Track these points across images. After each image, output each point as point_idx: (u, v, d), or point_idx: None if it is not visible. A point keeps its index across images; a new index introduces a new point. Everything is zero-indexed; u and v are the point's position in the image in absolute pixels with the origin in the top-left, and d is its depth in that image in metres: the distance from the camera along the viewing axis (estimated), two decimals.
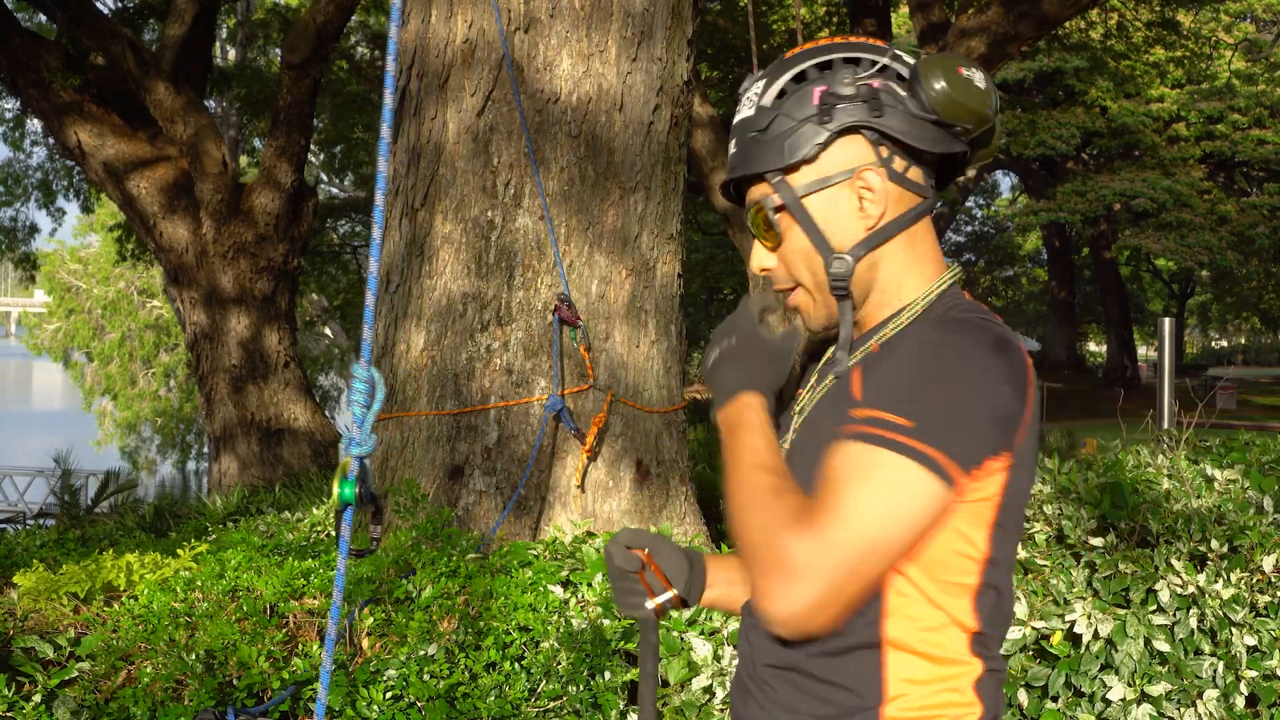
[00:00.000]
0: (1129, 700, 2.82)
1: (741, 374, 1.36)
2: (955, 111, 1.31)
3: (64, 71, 9.76)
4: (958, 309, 1.32)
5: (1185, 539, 3.38)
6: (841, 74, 1.32)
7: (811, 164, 1.33)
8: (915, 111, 1.31)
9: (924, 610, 1.26)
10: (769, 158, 1.34)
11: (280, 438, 10.15)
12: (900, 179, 1.34)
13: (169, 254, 10.09)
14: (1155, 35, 20.91)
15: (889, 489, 1.18)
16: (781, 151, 1.33)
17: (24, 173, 21.35)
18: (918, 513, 1.19)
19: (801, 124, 1.32)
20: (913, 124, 1.31)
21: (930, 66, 1.31)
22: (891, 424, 1.19)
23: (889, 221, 1.34)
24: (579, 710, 2.91)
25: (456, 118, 4.23)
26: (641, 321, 4.30)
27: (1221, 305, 47.46)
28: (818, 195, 1.34)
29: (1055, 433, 11.35)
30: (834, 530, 1.17)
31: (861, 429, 1.21)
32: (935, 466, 1.19)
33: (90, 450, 25.11)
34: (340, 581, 1.68)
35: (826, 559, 1.16)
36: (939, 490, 1.19)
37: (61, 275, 30.09)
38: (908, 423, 1.19)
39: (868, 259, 1.35)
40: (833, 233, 1.34)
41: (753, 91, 1.37)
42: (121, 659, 3.03)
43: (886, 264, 1.36)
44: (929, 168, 1.36)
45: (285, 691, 2.90)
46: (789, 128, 1.33)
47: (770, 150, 1.34)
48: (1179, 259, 24.27)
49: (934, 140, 1.32)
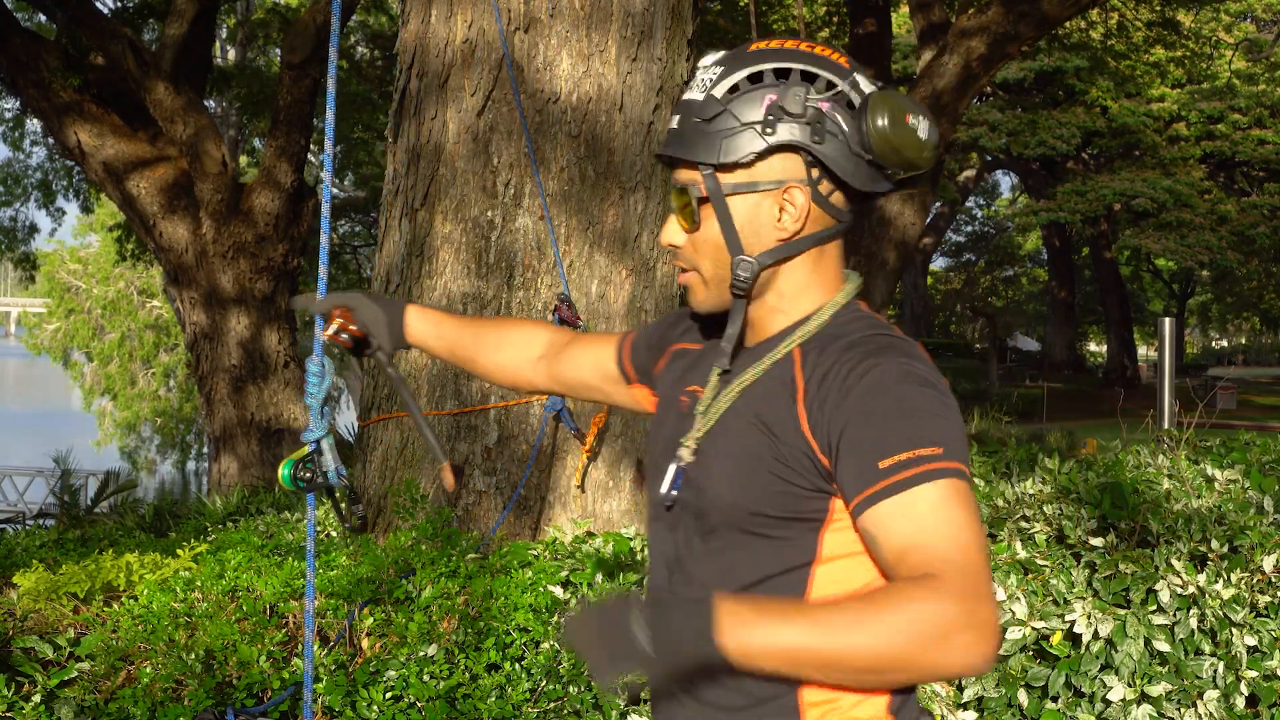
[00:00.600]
0: (1129, 700, 2.82)
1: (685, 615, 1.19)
2: (891, 157, 1.35)
3: (64, 71, 9.76)
4: (870, 327, 1.38)
5: (1185, 539, 3.38)
6: (795, 89, 1.34)
7: (745, 168, 1.37)
8: (854, 147, 1.35)
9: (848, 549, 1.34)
10: (705, 150, 1.36)
11: (280, 438, 10.15)
12: (823, 202, 1.38)
13: (169, 254, 10.09)
14: (1155, 35, 20.90)
15: (968, 510, 1.24)
16: (718, 148, 1.36)
17: (24, 172, 21.36)
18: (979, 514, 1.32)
19: (744, 128, 1.35)
20: (848, 159, 1.35)
21: (879, 106, 1.34)
22: (927, 457, 1.24)
23: (802, 237, 1.39)
24: (580, 711, 2.90)
25: (456, 118, 4.23)
26: (641, 322, 4.30)
27: (1222, 305, 47.46)
28: (742, 197, 1.38)
29: (1055, 433, 11.35)
30: (967, 564, 1.20)
31: (908, 473, 1.24)
32: (965, 476, 1.27)
33: (90, 450, 25.10)
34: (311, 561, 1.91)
35: (979, 591, 1.19)
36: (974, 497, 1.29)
37: (61, 275, 30.08)
38: (936, 450, 1.24)
39: (772, 268, 1.40)
40: (746, 235, 1.38)
41: (707, 75, 1.38)
42: (121, 659, 3.03)
43: (790, 275, 1.41)
44: (853, 195, 1.40)
45: (285, 692, 2.90)
46: (731, 127, 1.35)
47: (708, 143, 1.36)
48: (1179, 259, 24.27)
49: (864, 178, 1.37)
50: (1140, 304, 43.45)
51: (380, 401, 4.35)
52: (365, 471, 4.35)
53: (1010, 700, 2.89)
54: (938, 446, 1.24)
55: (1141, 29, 20.23)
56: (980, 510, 1.31)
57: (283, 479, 1.73)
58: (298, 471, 1.73)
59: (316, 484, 1.72)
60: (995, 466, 4.93)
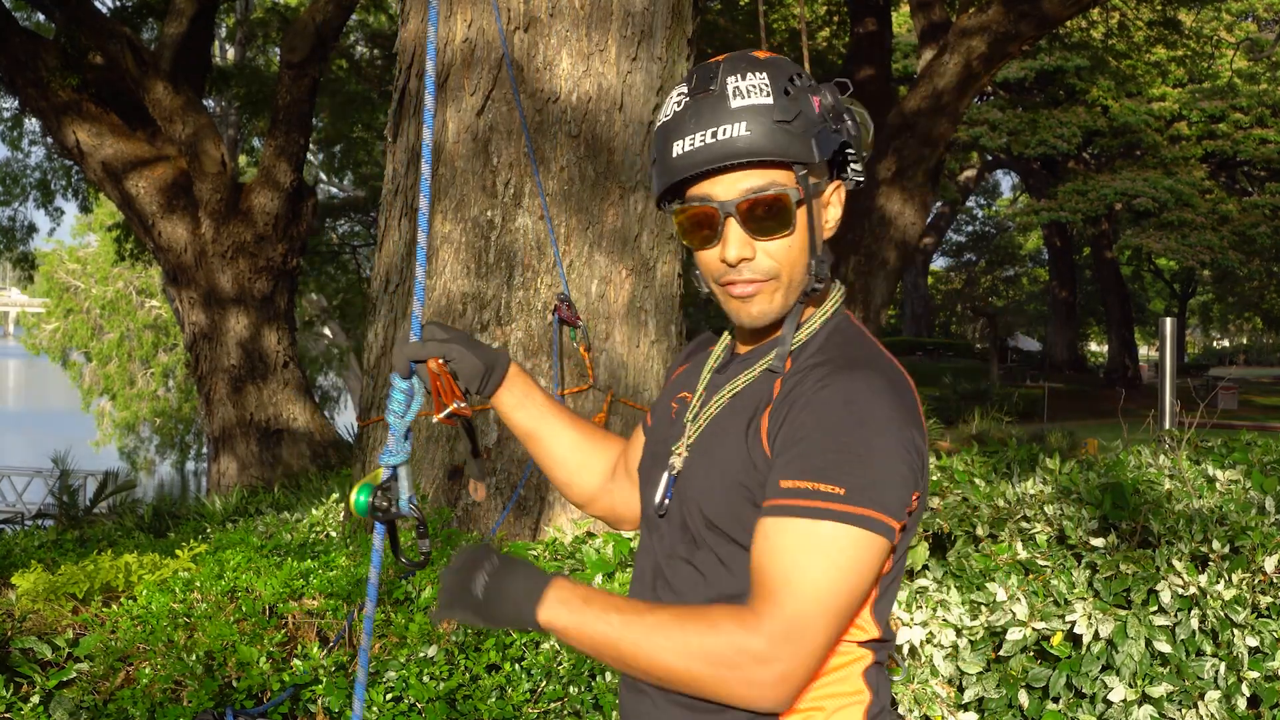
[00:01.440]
0: (1130, 701, 2.81)
1: (526, 578, 1.30)
2: (867, 143, 1.42)
3: (62, 71, 9.75)
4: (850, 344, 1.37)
5: (1187, 539, 3.37)
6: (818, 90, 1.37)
7: (820, 166, 1.37)
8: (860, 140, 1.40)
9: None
10: (798, 149, 1.33)
11: (279, 438, 10.14)
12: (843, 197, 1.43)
13: (168, 254, 10.09)
14: (1157, 34, 20.90)
15: (837, 559, 1.22)
16: (810, 147, 1.33)
17: (22, 172, 21.35)
18: (865, 573, 1.25)
19: (822, 126, 1.35)
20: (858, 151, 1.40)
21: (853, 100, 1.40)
22: (824, 494, 1.22)
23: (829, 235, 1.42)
24: (580, 711, 2.90)
25: (456, 117, 4.23)
26: (641, 321, 4.30)
27: (1223, 305, 47.45)
28: (817, 199, 1.38)
29: (1056, 433, 11.34)
30: (793, 607, 1.21)
31: (796, 503, 1.23)
32: (873, 524, 1.23)
33: (89, 450, 25.10)
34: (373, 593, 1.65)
35: (794, 636, 1.21)
36: (881, 545, 1.25)
37: (60, 275, 30.08)
38: (839, 489, 1.22)
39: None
40: (819, 236, 1.39)
41: (753, 83, 1.33)
42: (120, 660, 3.03)
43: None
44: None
45: (285, 693, 2.89)
46: (813, 126, 1.33)
47: (798, 142, 1.33)
48: (1180, 258, 24.26)
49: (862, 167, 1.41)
50: (1141, 304, 43.46)
51: (380, 401, 4.34)
52: (365, 471, 4.34)
53: (1011, 701, 2.88)
54: (841, 488, 1.21)
55: (1142, 28, 20.23)
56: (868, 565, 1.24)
57: (357, 507, 1.55)
58: (375, 499, 1.54)
59: (392, 514, 1.54)
60: (996, 467, 4.92)
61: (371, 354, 4.46)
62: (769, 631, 1.20)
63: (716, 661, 1.21)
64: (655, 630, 1.24)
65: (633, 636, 1.24)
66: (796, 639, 1.20)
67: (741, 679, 1.21)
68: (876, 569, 1.26)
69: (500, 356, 1.59)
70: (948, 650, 2.97)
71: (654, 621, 1.24)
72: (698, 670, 1.22)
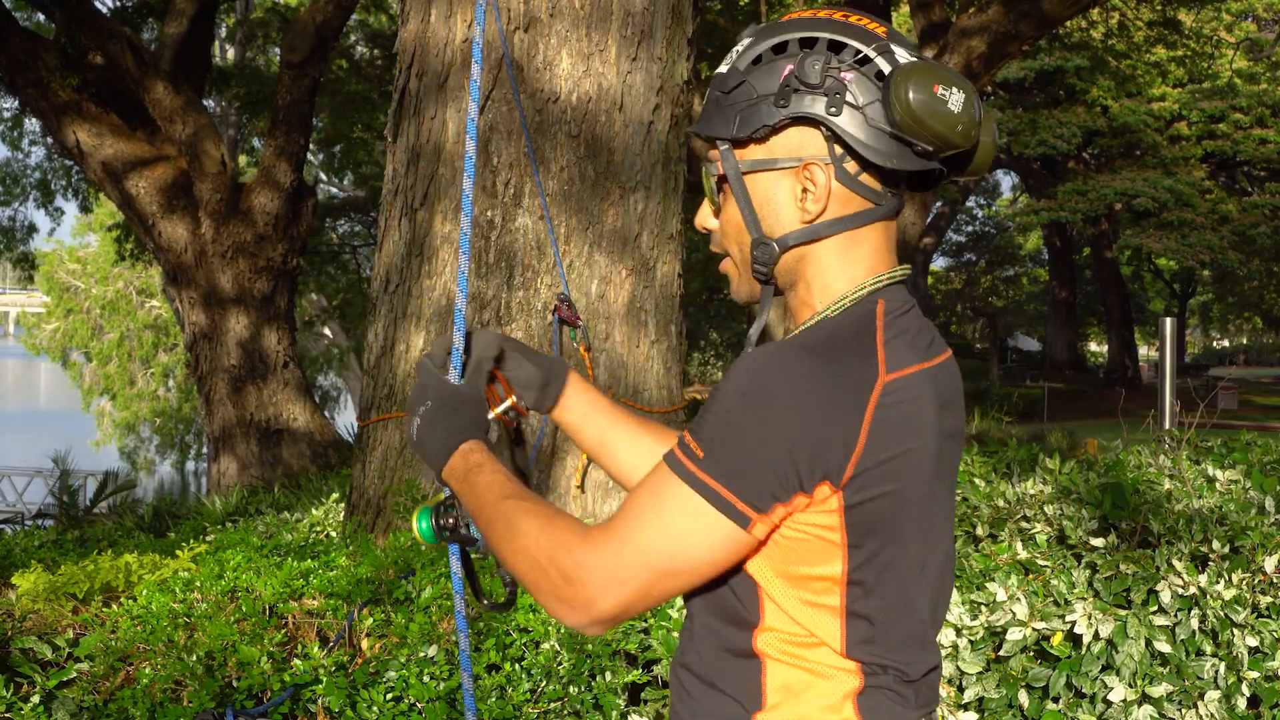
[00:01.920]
0: (1130, 701, 2.81)
1: (448, 430, 1.38)
2: (915, 130, 1.22)
3: (62, 71, 9.75)
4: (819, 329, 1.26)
5: (1186, 539, 3.37)
6: (815, 58, 1.24)
7: (761, 143, 1.29)
8: (873, 119, 1.24)
9: (791, 626, 1.25)
10: (721, 124, 1.29)
11: (279, 438, 10.14)
12: (850, 181, 1.27)
13: (168, 254, 10.09)
14: (1157, 34, 20.88)
15: (676, 519, 1.19)
16: (733, 122, 1.28)
17: (22, 172, 21.35)
18: (704, 546, 1.19)
19: (760, 100, 1.27)
20: (867, 132, 1.24)
21: (905, 75, 1.22)
22: (689, 450, 1.19)
23: (828, 220, 1.28)
24: (580, 711, 2.90)
25: (456, 117, 4.23)
26: (641, 321, 4.30)
27: (1223, 305, 47.44)
28: (761, 175, 1.30)
29: (1056, 433, 11.34)
30: (618, 547, 1.20)
31: (673, 448, 1.22)
32: (721, 503, 1.17)
33: (89, 450, 25.10)
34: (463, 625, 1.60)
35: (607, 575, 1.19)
36: (727, 528, 1.18)
37: (60, 275, 30.07)
38: (699, 452, 1.18)
39: (797, 251, 1.31)
40: (766, 216, 1.30)
41: (737, 48, 1.31)
42: (120, 660, 3.03)
43: (817, 261, 1.31)
44: (889, 175, 1.28)
45: (285, 693, 2.89)
46: (748, 99, 1.27)
47: (725, 117, 1.29)
48: (1180, 259, 24.26)
49: (888, 153, 1.25)
50: (1141, 304, 43.44)
51: (380, 401, 4.34)
52: (365, 472, 4.34)
53: (1011, 701, 2.88)
54: (704, 451, 1.18)
55: (1142, 28, 20.22)
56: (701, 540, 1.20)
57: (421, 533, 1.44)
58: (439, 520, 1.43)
59: (461, 534, 1.42)
60: (996, 467, 4.92)
61: (371, 354, 4.46)
62: (587, 559, 1.20)
63: (537, 564, 1.23)
64: (516, 515, 1.26)
65: (501, 514, 1.28)
66: (607, 578, 1.19)
67: (551, 589, 1.21)
68: (721, 549, 1.19)
69: (557, 364, 1.52)
70: (947, 650, 2.97)
71: (520, 508, 1.27)
72: (523, 566, 1.24)
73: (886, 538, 1.24)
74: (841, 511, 1.20)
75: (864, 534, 1.22)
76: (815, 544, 1.22)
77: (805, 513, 1.20)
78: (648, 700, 2.95)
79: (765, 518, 1.19)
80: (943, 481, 1.30)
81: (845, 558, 1.23)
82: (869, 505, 1.21)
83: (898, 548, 1.25)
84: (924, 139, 1.23)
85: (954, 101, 1.23)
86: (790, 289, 1.34)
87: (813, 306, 1.32)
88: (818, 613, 1.25)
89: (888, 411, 1.19)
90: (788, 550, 1.23)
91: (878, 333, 1.24)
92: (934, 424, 1.25)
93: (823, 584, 1.24)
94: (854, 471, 1.18)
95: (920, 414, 1.23)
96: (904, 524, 1.24)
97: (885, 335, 1.24)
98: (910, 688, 1.29)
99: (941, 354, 1.32)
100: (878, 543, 1.23)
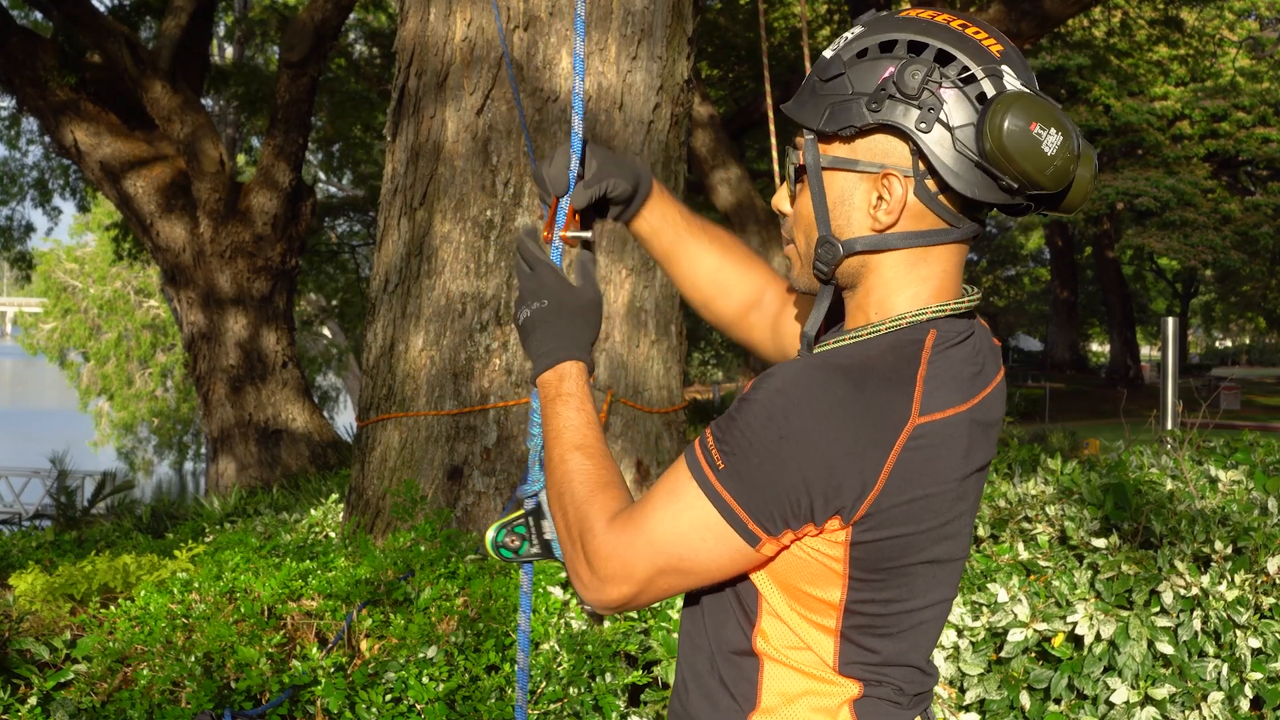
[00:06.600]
0: (1132, 703, 2.80)
1: (558, 340, 1.38)
2: (1002, 164, 1.17)
3: (60, 70, 9.74)
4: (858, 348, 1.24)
5: (1189, 540, 3.36)
6: (918, 66, 1.19)
7: (846, 142, 1.25)
8: (962, 144, 1.19)
9: (787, 634, 1.25)
10: (811, 113, 1.26)
11: (278, 438, 10.12)
12: (928, 199, 1.23)
13: (166, 254, 10.07)
14: (1159, 33, 20.89)
15: (688, 524, 1.20)
16: (822, 114, 1.24)
17: (20, 171, 21.32)
18: (711, 555, 1.20)
19: (853, 98, 1.22)
20: (953, 156, 1.20)
21: (1004, 105, 1.17)
22: (710, 455, 1.19)
23: (899, 233, 1.25)
24: (579, 712, 2.88)
25: (456, 117, 4.21)
26: (641, 321, 4.28)
27: (1225, 305, 47.42)
28: (840, 174, 1.26)
29: (1058, 433, 11.33)
30: (638, 545, 1.21)
31: (695, 446, 1.22)
32: (734, 519, 1.17)
33: (87, 451, 25.10)
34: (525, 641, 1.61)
35: (626, 572, 1.22)
36: (736, 543, 1.18)
37: (58, 275, 30.06)
38: (720, 463, 1.18)
39: (861, 257, 1.27)
40: (837, 216, 1.27)
41: (847, 34, 1.27)
42: (118, 661, 3.01)
43: (880, 272, 1.27)
44: (966, 204, 1.24)
45: (283, 694, 2.88)
46: (843, 94, 1.23)
47: (816, 107, 1.25)
48: (1182, 258, 24.23)
49: (971, 182, 1.20)
50: (1143, 304, 43.44)
51: (379, 402, 4.33)
52: (364, 472, 4.33)
53: (1013, 702, 2.87)
54: (725, 462, 1.17)
55: (1144, 27, 20.23)
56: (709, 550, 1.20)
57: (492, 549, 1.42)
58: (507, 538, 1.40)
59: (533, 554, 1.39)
60: (997, 467, 4.91)
61: (371, 354, 4.45)
62: (604, 546, 1.23)
63: (569, 534, 1.27)
64: (574, 474, 1.29)
65: (563, 466, 1.30)
66: (618, 568, 1.22)
67: (572, 564, 1.26)
68: (721, 559, 1.19)
69: (643, 174, 1.55)
70: (949, 651, 2.96)
71: (580, 469, 1.29)
72: (560, 526, 1.28)
73: (890, 575, 1.22)
74: (848, 545, 1.19)
75: (868, 569, 1.21)
76: (818, 568, 1.21)
77: (813, 539, 1.20)
78: (647, 701, 2.94)
79: (774, 540, 1.19)
80: (960, 519, 1.27)
81: (845, 587, 1.22)
82: (877, 544, 1.19)
83: (902, 586, 1.24)
84: (1010, 175, 1.19)
85: (1049, 143, 1.18)
86: (850, 292, 1.32)
87: (867, 316, 1.29)
88: (813, 630, 1.24)
89: (913, 455, 1.17)
90: (791, 566, 1.22)
91: (921, 367, 1.21)
92: (960, 467, 1.22)
93: (821, 605, 1.23)
94: (868, 510, 1.17)
95: (946, 459, 1.20)
96: (911, 563, 1.23)
97: (928, 371, 1.21)
98: (906, 697, 1.29)
99: (987, 386, 1.30)
100: (881, 578, 1.22)
